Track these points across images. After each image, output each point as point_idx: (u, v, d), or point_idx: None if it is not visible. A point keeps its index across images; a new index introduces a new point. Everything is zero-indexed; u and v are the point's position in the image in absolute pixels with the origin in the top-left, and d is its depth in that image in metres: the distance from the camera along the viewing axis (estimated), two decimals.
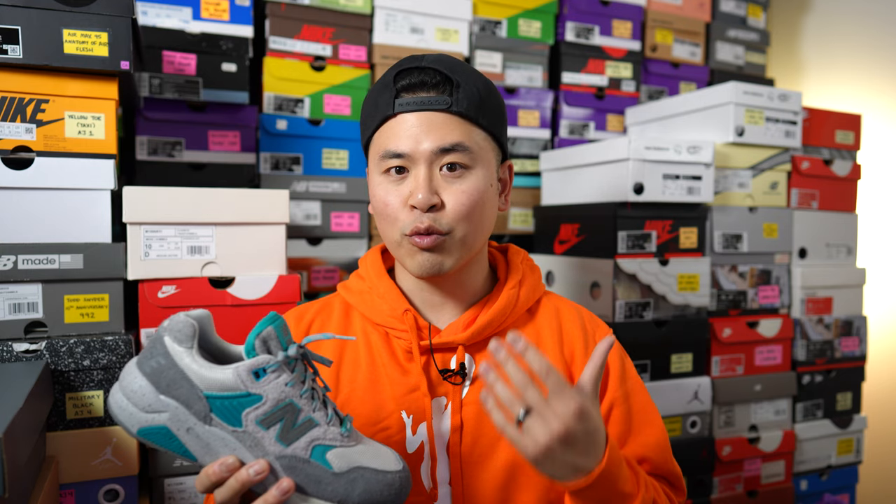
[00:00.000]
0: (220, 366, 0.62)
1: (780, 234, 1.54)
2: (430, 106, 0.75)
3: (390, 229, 0.78)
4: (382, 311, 0.82)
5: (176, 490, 1.05)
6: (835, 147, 1.65)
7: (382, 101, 0.77)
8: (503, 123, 0.83)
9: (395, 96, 0.76)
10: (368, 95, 0.81)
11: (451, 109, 0.75)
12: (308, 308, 0.88)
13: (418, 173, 0.75)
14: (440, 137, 0.75)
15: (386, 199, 0.77)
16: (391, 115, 0.76)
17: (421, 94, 0.75)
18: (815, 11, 2.13)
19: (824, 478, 1.62)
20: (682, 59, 1.87)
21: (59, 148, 0.97)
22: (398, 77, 0.76)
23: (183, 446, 0.62)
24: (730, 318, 1.48)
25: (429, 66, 0.76)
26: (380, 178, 0.78)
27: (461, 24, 1.58)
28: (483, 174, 0.78)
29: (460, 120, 0.76)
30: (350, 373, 0.81)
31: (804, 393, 1.57)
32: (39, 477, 0.87)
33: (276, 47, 1.44)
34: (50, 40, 0.93)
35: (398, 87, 0.76)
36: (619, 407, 0.82)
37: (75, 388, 0.96)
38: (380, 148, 0.78)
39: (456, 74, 0.76)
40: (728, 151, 1.47)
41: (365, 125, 0.82)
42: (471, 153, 0.76)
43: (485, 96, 0.78)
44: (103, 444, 0.96)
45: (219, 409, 0.61)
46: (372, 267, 0.86)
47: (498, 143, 0.82)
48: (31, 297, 0.96)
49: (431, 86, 0.75)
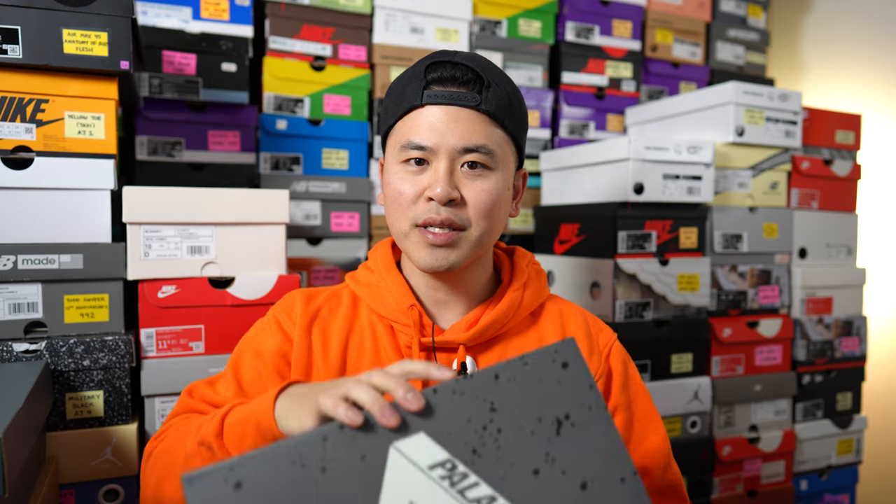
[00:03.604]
0: None
1: (780, 234, 1.54)
2: (458, 101, 0.74)
3: (401, 219, 0.77)
4: (389, 304, 0.81)
5: None
6: (835, 147, 1.65)
7: (410, 90, 0.76)
8: (525, 130, 0.83)
9: (425, 87, 0.75)
10: (395, 84, 0.81)
11: (479, 107, 0.75)
12: (319, 293, 0.86)
13: (439, 167, 0.75)
14: (466, 136, 0.74)
15: (401, 189, 0.77)
16: (418, 105, 0.75)
17: (451, 88, 0.75)
18: (816, 11, 2.13)
19: (824, 478, 1.62)
20: (683, 59, 1.87)
21: (58, 148, 0.97)
22: (430, 69, 0.76)
23: None
24: (730, 318, 1.48)
25: (461, 62, 0.76)
26: (397, 167, 0.78)
27: (461, 24, 1.58)
28: (502, 177, 0.78)
29: (486, 119, 0.76)
30: (355, 359, 0.81)
31: (804, 393, 1.57)
32: (39, 477, 0.87)
33: (275, 47, 1.44)
34: (50, 40, 0.93)
35: (429, 78, 0.75)
36: (622, 413, 0.81)
37: (75, 388, 0.95)
38: (401, 137, 0.77)
39: (487, 74, 0.76)
40: (728, 151, 1.47)
41: (388, 112, 0.81)
42: (493, 156, 0.76)
43: (513, 100, 0.78)
44: (103, 444, 0.96)
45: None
46: (381, 259, 0.85)
47: (517, 149, 0.82)
48: (31, 297, 0.96)
49: (462, 82, 0.75)
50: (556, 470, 0.54)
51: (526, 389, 0.55)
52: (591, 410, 0.56)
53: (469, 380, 0.54)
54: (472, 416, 0.53)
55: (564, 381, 0.56)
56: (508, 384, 0.55)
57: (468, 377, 0.54)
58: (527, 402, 0.55)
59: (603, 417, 0.56)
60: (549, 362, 0.57)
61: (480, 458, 0.53)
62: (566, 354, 0.57)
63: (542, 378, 0.56)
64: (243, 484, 0.48)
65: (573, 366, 0.57)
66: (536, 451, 0.54)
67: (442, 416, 0.53)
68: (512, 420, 0.54)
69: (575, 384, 0.57)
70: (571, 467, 0.54)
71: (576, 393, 0.56)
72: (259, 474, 0.49)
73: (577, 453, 0.54)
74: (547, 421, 0.55)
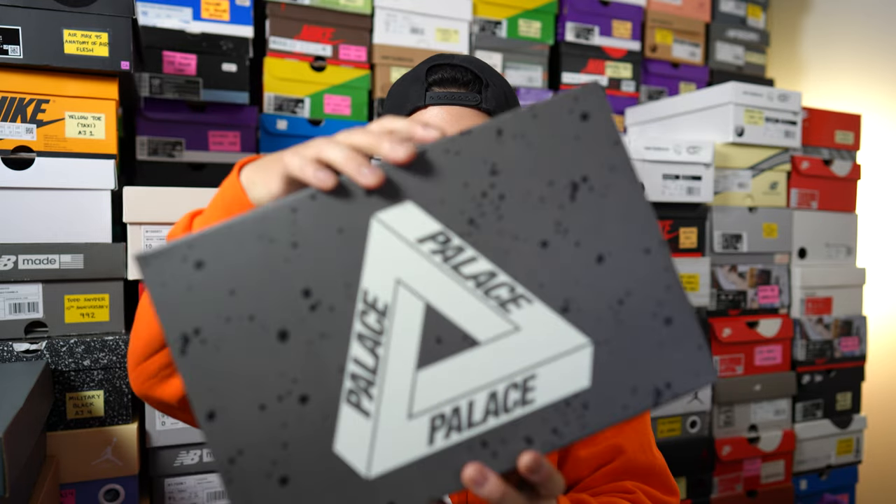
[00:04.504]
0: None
1: (779, 234, 1.54)
2: (460, 101, 0.76)
3: None
4: None
5: (176, 490, 1.05)
6: (834, 147, 1.65)
7: (413, 92, 0.78)
8: None
9: (427, 89, 0.77)
10: (395, 87, 0.82)
11: (480, 106, 0.77)
12: None
13: None
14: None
15: None
16: (422, 106, 0.77)
17: (452, 89, 0.77)
18: (815, 11, 2.13)
19: (824, 478, 1.62)
20: (682, 60, 1.87)
21: (59, 148, 0.97)
22: (430, 72, 0.78)
23: None
24: (729, 318, 1.48)
25: (460, 64, 0.78)
26: None
27: (461, 25, 1.59)
28: None
29: (487, 117, 0.78)
30: None
31: (804, 393, 1.57)
32: (39, 477, 0.87)
33: (276, 47, 1.44)
34: (50, 40, 0.93)
35: (430, 80, 0.77)
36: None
37: (75, 388, 0.96)
38: None
39: (485, 75, 0.78)
40: (728, 151, 1.47)
41: (390, 115, 0.82)
42: None
43: (509, 99, 0.81)
44: (103, 444, 0.96)
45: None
46: None
47: None
48: (31, 296, 0.96)
49: (462, 83, 0.77)
50: (568, 241, 0.46)
51: (535, 147, 0.46)
52: (614, 171, 0.46)
53: (466, 136, 0.46)
54: (469, 181, 0.45)
55: (584, 136, 0.46)
56: (514, 142, 0.46)
57: (465, 133, 0.46)
58: (536, 162, 0.46)
59: (627, 179, 0.46)
60: (565, 113, 0.46)
61: (479, 230, 0.45)
62: (587, 103, 0.47)
63: (556, 133, 0.46)
64: (205, 263, 0.43)
65: (595, 117, 0.47)
66: (546, 221, 0.46)
67: (433, 181, 0.45)
68: (517, 184, 0.46)
69: (596, 140, 0.46)
70: (587, 238, 0.46)
71: (597, 150, 0.46)
72: (222, 252, 0.43)
73: (594, 222, 0.46)
74: (560, 185, 0.46)
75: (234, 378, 0.44)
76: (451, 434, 0.45)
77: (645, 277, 0.46)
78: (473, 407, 0.45)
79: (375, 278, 0.45)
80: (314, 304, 0.44)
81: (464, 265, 0.45)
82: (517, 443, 0.45)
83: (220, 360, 0.43)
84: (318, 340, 0.44)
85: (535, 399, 0.45)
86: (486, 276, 0.45)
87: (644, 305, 0.46)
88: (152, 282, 0.43)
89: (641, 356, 0.46)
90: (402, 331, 0.45)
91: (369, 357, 0.45)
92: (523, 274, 0.46)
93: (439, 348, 0.45)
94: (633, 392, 0.46)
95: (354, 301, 0.45)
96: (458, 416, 0.45)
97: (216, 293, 0.44)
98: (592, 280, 0.46)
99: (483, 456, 0.45)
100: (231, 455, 0.43)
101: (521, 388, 0.45)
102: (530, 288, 0.46)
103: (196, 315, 0.43)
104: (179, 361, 0.43)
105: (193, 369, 0.43)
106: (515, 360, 0.45)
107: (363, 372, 0.45)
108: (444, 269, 0.45)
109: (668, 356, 0.46)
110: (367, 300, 0.45)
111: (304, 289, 0.44)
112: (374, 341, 0.45)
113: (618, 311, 0.46)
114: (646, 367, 0.46)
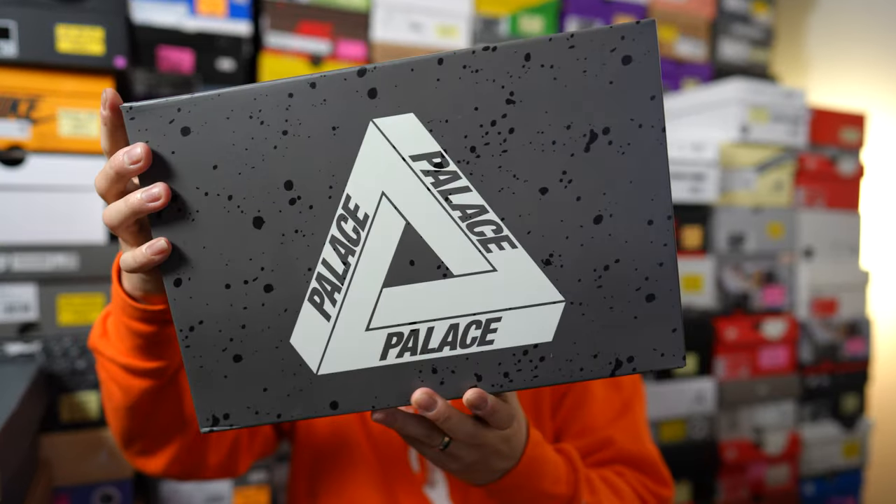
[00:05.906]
0: None
1: (785, 234, 1.52)
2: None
3: None
4: None
5: (171, 494, 1.03)
6: (840, 146, 1.63)
7: None
8: None
9: None
10: None
11: None
12: None
13: None
14: None
15: None
16: None
17: None
18: (821, 8, 2.11)
19: (830, 481, 1.60)
20: (686, 56, 1.85)
21: (53, 146, 0.96)
22: None
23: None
24: (734, 319, 1.46)
25: None
26: None
27: (461, 21, 1.57)
28: None
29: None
30: None
31: (809, 395, 1.55)
32: (33, 481, 0.86)
33: (273, 44, 1.43)
34: (43, 37, 0.92)
35: None
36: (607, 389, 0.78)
37: (70, 390, 0.94)
38: None
39: None
40: (732, 150, 1.46)
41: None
42: None
43: None
44: (98, 448, 0.95)
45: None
46: None
47: None
48: (24, 297, 0.95)
49: None
50: (569, 193, 0.43)
51: (562, 82, 0.42)
52: (641, 129, 0.42)
53: (489, 53, 0.41)
54: (481, 105, 0.42)
55: (619, 82, 0.42)
56: (541, 72, 0.41)
57: (489, 49, 0.41)
58: (559, 100, 0.42)
59: (653, 141, 0.42)
60: (605, 51, 0.41)
61: (479, 160, 0.42)
62: (634, 45, 0.41)
63: (589, 71, 0.41)
64: (191, 131, 0.42)
65: (639, 63, 0.41)
66: (551, 166, 0.42)
67: (442, 96, 0.42)
68: (532, 120, 0.42)
69: (633, 89, 0.42)
70: (589, 194, 0.43)
71: (629, 101, 0.42)
72: (210, 123, 0.42)
73: (602, 178, 0.43)
74: (577, 131, 0.42)
75: (204, 253, 0.44)
76: (405, 354, 0.45)
77: (639, 249, 0.44)
78: (432, 334, 0.45)
79: (361, 186, 0.43)
80: (293, 198, 0.44)
81: (454, 194, 0.43)
82: (466, 377, 0.45)
83: (193, 233, 0.44)
84: (291, 235, 0.44)
85: (494, 340, 0.45)
86: (474, 210, 0.44)
87: (629, 276, 0.45)
88: (136, 137, 0.43)
89: (612, 326, 0.45)
90: (378, 246, 0.44)
91: (339, 263, 0.45)
92: (513, 216, 0.43)
93: (410, 271, 0.44)
94: (593, 358, 0.45)
95: (336, 205, 0.44)
96: (416, 339, 0.45)
97: (198, 164, 0.43)
98: (584, 239, 0.44)
99: (431, 381, 0.45)
100: (191, 323, 0.45)
101: (483, 328, 0.45)
102: (517, 233, 0.44)
103: (175, 182, 0.43)
104: (156, 226, 0.44)
105: (166, 234, 0.44)
106: (484, 300, 0.45)
107: (331, 276, 0.45)
108: (434, 193, 0.43)
109: (640, 331, 0.45)
110: (348, 206, 0.44)
111: (286, 180, 0.44)
112: (347, 249, 0.44)
113: (601, 275, 0.45)
114: (613, 337, 0.45)
